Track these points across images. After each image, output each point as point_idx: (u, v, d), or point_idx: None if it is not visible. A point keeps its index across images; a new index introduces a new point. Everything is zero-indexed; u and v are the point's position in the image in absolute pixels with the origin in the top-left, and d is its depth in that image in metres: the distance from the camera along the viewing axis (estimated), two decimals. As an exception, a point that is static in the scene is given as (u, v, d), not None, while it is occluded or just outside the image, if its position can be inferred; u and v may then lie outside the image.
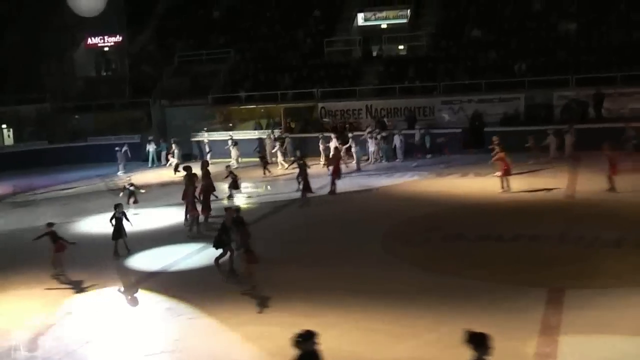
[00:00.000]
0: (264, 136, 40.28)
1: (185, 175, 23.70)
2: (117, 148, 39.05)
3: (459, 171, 31.78)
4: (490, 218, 22.77)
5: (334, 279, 17.18)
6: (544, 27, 42.25)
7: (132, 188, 26.16)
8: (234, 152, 38.12)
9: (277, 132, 40.37)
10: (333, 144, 34.18)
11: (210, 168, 25.79)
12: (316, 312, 14.79)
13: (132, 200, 25.79)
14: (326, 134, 36.52)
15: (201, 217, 23.09)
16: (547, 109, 37.71)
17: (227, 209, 18.50)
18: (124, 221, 20.38)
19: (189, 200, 22.68)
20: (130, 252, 20.48)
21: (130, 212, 22.97)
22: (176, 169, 34.51)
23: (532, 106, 38.06)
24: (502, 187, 26.14)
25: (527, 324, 13.43)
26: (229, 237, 17.35)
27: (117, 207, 20.42)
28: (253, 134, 42.02)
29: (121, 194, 26.34)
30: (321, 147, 35.85)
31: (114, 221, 20.08)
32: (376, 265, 18.16)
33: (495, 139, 27.37)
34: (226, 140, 39.85)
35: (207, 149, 40.51)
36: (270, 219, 24.76)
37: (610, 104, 36.46)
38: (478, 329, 8.88)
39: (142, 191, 27.70)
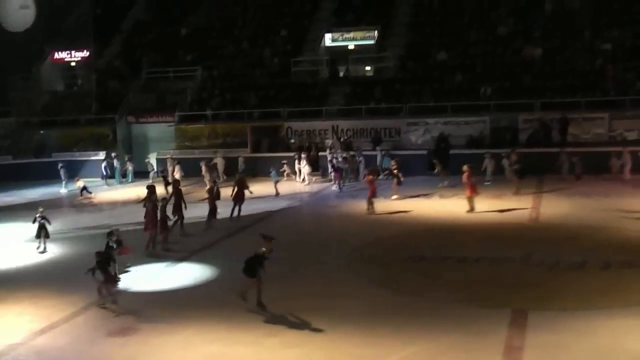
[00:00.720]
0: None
1: (148, 194, 23.12)
2: (60, 165, 38.65)
3: (424, 193, 31.82)
4: (455, 240, 22.84)
5: (298, 298, 17.10)
6: (509, 51, 42.66)
7: (42, 221, 23.29)
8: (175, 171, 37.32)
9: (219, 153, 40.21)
10: (303, 164, 35.54)
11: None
12: (280, 331, 14.73)
13: (43, 233, 23.28)
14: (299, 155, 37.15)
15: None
16: (512, 132, 37.95)
17: (268, 237, 16.71)
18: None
19: (149, 218, 22.12)
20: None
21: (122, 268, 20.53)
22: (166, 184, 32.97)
23: (497, 129, 38.24)
24: (470, 208, 26.62)
25: (491, 345, 13.47)
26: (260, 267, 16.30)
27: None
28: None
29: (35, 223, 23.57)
30: (296, 166, 36.65)
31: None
32: (341, 284, 18.14)
33: (466, 168, 27.50)
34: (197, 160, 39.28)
35: (153, 168, 40.00)
36: (235, 236, 24.60)
37: (575, 129, 36.83)
38: (442, 349, 8.88)
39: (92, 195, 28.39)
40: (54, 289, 18.68)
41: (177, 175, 34.61)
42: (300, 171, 36.96)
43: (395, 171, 30.92)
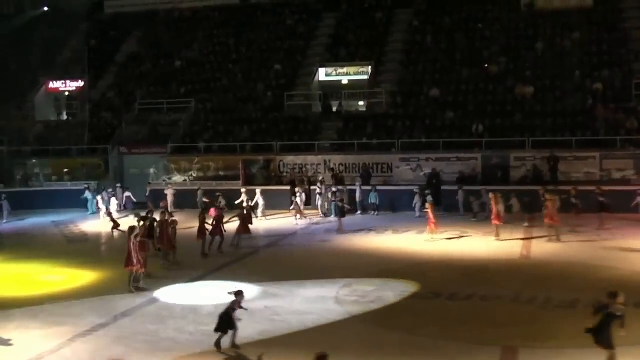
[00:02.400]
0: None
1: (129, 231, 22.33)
2: (4, 197, 38.77)
3: (415, 228, 31.71)
4: (444, 276, 22.73)
5: (284, 333, 16.94)
6: (501, 89, 42.84)
7: None
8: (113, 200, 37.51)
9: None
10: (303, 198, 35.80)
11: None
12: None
13: None
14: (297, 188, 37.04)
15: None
16: (504, 170, 37.98)
17: (239, 293, 16.19)
18: None
19: (129, 251, 21.66)
20: None
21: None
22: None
23: (489, 166, 38.28)
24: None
25: (482, 384, 13.28)
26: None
27: None
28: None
29: None
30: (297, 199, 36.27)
31: None
32: (331, 323, 17.93)
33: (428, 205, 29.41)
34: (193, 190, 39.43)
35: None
36: (220, 270, 24.43)
37: (565, 167, 36.88)
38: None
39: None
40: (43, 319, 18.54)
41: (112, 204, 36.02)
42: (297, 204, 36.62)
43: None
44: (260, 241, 30.10)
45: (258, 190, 37.05)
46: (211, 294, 20.59)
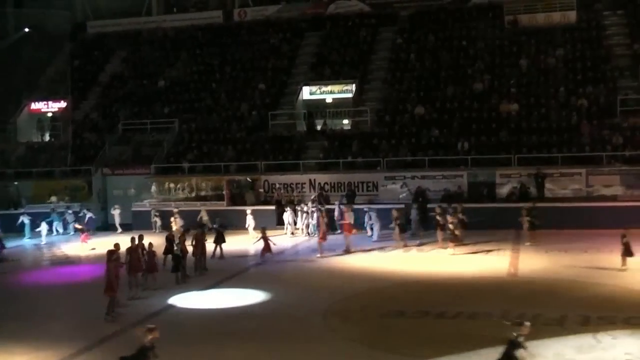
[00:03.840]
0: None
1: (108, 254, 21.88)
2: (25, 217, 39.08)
3: (401, 247, 31.50)
4: (432, 295, 22.65)
5: (272, 355, 16.83)
6: (486, 107, 42.85)
7: None
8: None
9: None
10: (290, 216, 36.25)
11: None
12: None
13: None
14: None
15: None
16: (490, 187, 37.96)
17: (151, 329, 13.95)
18: None
19: (108, 281, 21.22)
20: None
21: None
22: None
23: (475, 184, 38.25)
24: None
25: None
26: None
27: None
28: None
29: None
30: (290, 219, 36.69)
31: None
32: (316, 341, 17.78)
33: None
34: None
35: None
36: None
37: (552, 184, 36.87)
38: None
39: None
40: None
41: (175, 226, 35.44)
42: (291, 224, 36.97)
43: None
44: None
45: (248, 211, 37.18)
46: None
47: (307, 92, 48.47)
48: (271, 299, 22.64)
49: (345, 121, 47.25)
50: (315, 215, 35.00)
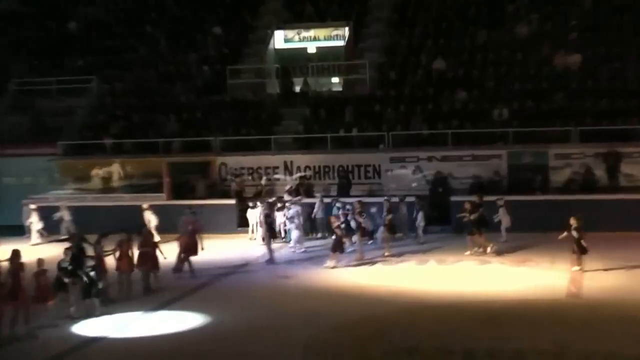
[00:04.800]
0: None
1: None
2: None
3: (415, 257, 31.61)
4: (457, 325, 22.33)
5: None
6: (534, 59, 42.83)
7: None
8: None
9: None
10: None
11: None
12: None
13: None
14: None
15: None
16: (540, 172, 37.82)
17: None
18: None
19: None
20: None
21: None
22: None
23: (518, 168, 38.15)
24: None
25: None
26: None
27: None
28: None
29: None
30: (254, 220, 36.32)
31: None
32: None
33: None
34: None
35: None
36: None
37: (630, 168, 36.91)
38: None
39: None
40: None
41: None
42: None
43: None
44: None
45: (145, 205, 37.26)
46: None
47: (280, 39, 48.57)
48: (229, 329, 22.61)
49: (335, 80, 47.41)
50: (292, 212, 34.78)
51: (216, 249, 33.73)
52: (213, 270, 30.90)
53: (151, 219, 36.70)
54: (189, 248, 30.24)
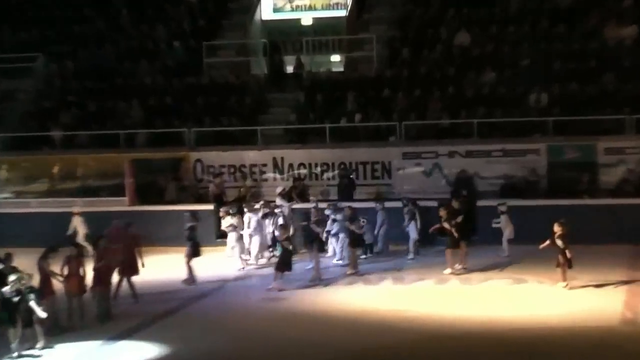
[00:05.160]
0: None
1: None
2: None
3: (432, 274, 31.53)
4: (489, 356, 22.56)
5: None
6: (579, 31, 42.80)
7: None
8: None
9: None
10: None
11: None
12: None
13: None
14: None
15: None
16: (588, 170, 37.82)
17: None
18: None
19: None
20: None
21: None
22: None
23: (559, 166, 38.09)
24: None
25: None
26: None
27: None
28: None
29: None
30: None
31: None
32: None
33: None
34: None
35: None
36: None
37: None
38: None
39: None
40: None
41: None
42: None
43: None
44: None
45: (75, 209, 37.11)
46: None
47: (268, 8, 49.05)
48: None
49: (335, 58, 48.03)
50: (254, 223, 34.85)
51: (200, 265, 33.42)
52: (183, 291, 31.00)
53: (80, 228, 36.72)
54: (127, 267, 29.80)
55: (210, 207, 38.62)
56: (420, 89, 41.87)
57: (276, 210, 35.43)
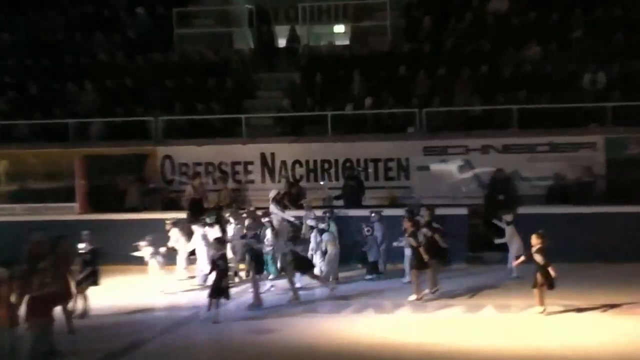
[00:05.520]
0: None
1: None
2: None
3: (462, 300, 31.19)
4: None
5: None
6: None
7: None
8: None
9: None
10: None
11: None
12: None
13: None
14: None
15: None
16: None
17: None
18: None
19: None
20: None
21: None
22: None
23: (620, 163, 37.84)
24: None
25: None
26: None
27: None
28: None
29: None
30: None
31: None
32: None
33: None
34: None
35: None
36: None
37: None
38: None
39: None
40: None
41: None
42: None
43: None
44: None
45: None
46: None
47: None
48: None
49: (339, 29, 47.80)
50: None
51: (154, 289, 33.73)
52: (147, 322, 30.52)
53: None
54: (56, 294, 29.00)
55: (183, 215, 37.90)
56: (446, 67, 41.65)
57: (264, 220, 34.82)
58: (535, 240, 28.03)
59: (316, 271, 33.93)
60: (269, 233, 34.13)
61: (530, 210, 35.61)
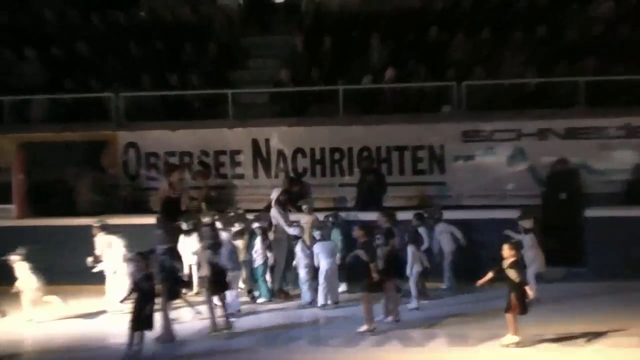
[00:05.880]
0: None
1: None
2: None
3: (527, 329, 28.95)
4: None
5: None
6: None
7: None
8: None
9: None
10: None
11: None
12: None
13: None
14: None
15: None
16: None
17: None
18: None
19: None
20: None
21: None
22: None
23: None
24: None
25: None
26: None
27: None
28: None
29: None
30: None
31: None
32: None
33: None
34: None
35: None
36: None
37: None
38: None
39: None
40: None
41: None
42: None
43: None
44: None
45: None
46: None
47: None
48: None
49: None
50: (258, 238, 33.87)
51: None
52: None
53: None
54: None
55: (151, 219, 36.16)
56: (491, 27, 40.77)
57: (254, 226, 34.27)
58: (507, 252, 27.47)
59: (304, 288, 33.05)
60: (258, 243, 33.44)
61: (602, 213, 34.70)
